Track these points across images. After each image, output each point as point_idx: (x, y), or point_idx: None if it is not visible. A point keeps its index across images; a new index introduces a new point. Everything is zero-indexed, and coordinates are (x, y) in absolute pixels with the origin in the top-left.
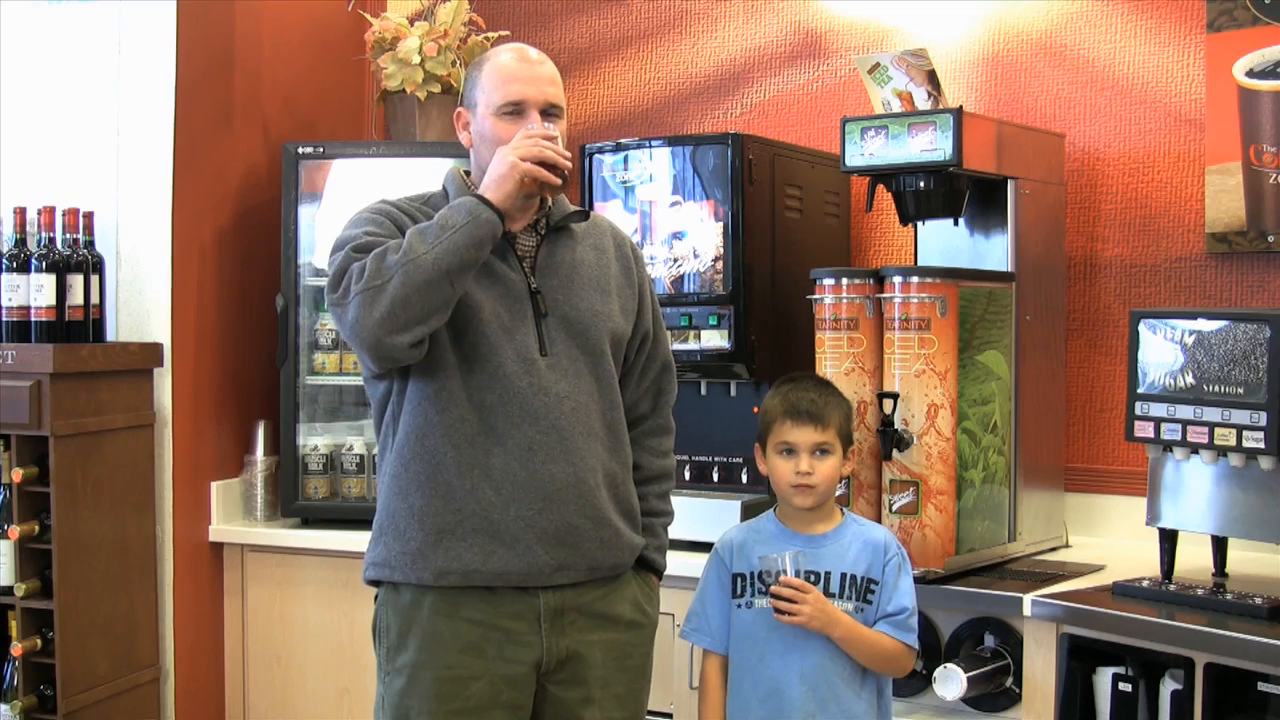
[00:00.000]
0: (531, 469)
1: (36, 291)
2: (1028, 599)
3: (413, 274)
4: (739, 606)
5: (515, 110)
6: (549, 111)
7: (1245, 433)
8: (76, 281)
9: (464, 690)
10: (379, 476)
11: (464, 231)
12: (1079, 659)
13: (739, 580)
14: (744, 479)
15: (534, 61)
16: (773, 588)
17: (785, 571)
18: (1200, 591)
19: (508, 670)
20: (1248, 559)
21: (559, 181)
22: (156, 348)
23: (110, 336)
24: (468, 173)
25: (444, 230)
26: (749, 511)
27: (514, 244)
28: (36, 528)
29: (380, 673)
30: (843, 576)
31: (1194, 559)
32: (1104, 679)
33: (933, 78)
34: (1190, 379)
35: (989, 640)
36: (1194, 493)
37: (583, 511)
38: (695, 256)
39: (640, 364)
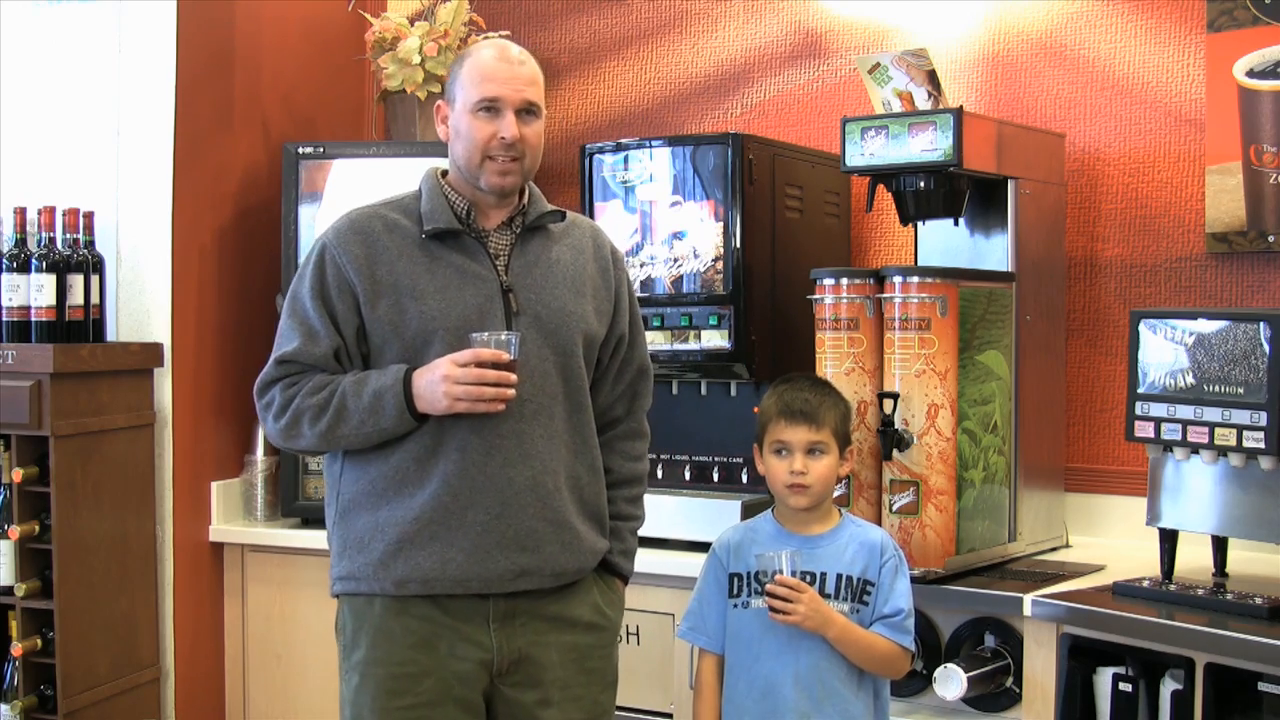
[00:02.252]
0: (489, 473)
1: (36, 291)
2: (1028, 599)
3: (325, 443)
4: (735, 606)
5: (491, 108)
6: (526, 110)
7: (1245, 433)
8: (77, 281)
9: (415, 686)
10: (332, 488)
11: (385, 430)
12: (1079, 659)
13: (735, 580)
14: (744, 479)
15: (514, 61)
16: (768, 586)
17: (781, 570)
18: (1200, 591)
19: (458, 667)
20: (1248, 559)
21: (500, 408)
22: (157, 348)
23: (110, 336)
24: (445, 173)
25: (369, 419)
26: (749, 511)
27: (486, 242)
28: (36, 528)
29: (341, 671)
30: (838, 577)
31: (1194, 559)
32: (1104, 679)
33: (933, 77)
34: (1190, 379)
35: (989, 640)
36: (1194, 493)
37: (541, 515)
38: (695, 256)
39: (615, 367)
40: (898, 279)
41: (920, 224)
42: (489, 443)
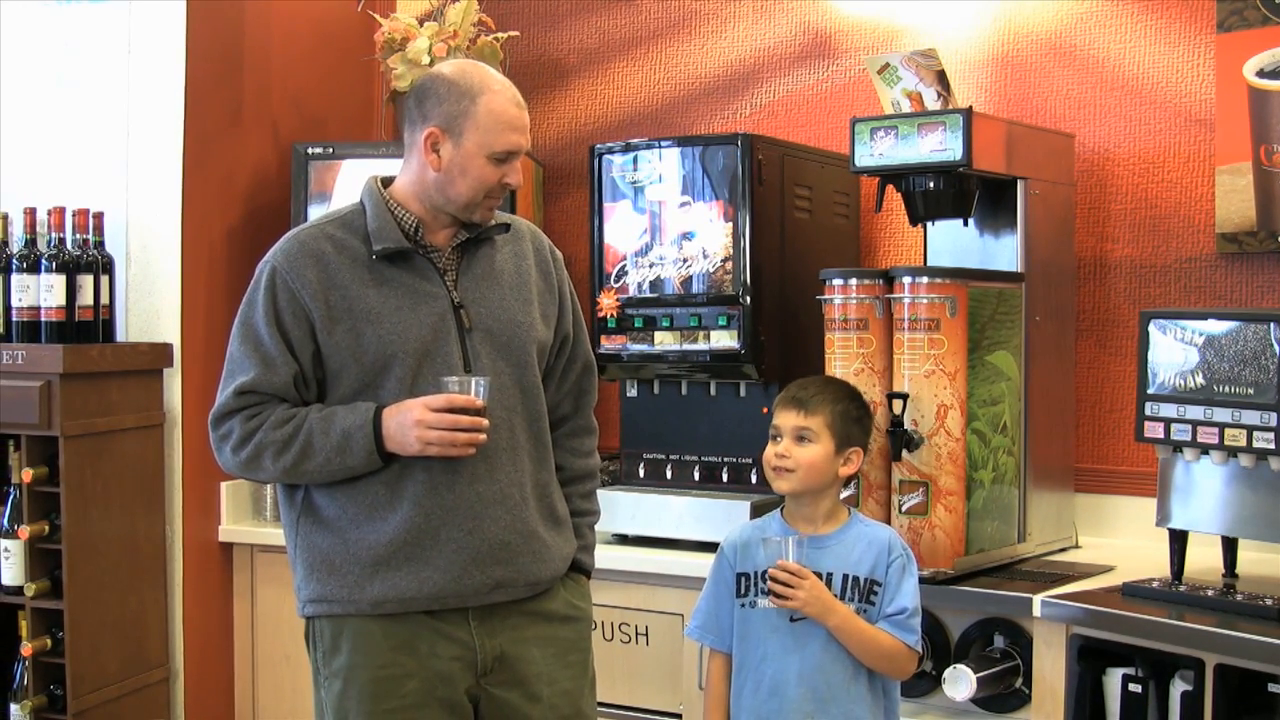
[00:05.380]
0: (458, 491)
1: (46, 292)
2: (1037, 600)
3: (287, 477)
4: (743, 606)
5: (508, 159)
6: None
7: (1255, 433)
8: (86, 282)
9: (400, 689)
10: (292, 509)
11: (352, 469)
12: (1089, 660)
13: (743, 580)
14: (753, 479)
15: (523, 108)
16: (770, 570)
17: (787, 555)
18: (1210, 592)
19: (441, 666)
20: (1258, 560)
21: (471, 452)
22: (166, 348)
23: (120, 337)
24: (385, 182)
25: (335, 457)
26: (758, 512)
27: (434, 258)
28: (46, 528)
29: (319, 678)
30: (845, 578)
31: (1204, 560)
32: (1114, 680)
33: (942, 78)
34: (1200, 379)
35: (998, 641)
36: (1204, 493)
37: (512, 527)
38: (704, 257)
39: (561, 366)
40: (907, 279)
41: (929, 224)
42: (454, 461)
